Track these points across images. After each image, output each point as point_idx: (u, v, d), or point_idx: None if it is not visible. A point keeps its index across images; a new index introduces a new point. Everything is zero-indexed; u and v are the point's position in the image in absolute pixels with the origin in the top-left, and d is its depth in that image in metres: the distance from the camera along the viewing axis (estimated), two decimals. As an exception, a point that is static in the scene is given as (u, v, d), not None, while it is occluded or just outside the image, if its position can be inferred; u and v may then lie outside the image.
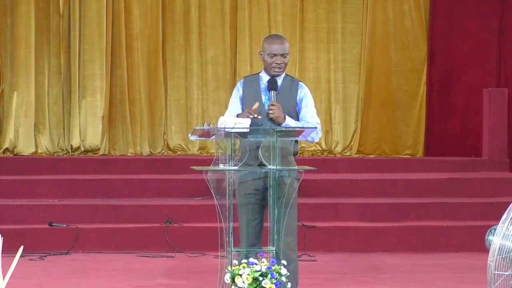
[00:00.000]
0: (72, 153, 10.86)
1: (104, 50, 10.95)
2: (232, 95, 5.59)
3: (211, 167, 5.08)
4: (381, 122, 11.34)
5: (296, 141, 5.48)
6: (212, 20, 11.28)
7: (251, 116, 5.20)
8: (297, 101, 5.50)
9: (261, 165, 5.23)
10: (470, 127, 11.29)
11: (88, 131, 10.97)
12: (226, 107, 12.23)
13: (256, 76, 5.59)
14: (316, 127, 5.34)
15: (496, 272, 4.61)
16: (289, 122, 5.35)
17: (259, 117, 5.25)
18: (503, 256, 4.59)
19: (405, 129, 11.41)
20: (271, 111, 5.31)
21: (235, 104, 5.52)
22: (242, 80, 5.63)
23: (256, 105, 5.30)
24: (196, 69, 11.30)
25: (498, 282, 4.59)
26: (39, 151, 10.81)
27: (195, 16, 11.27)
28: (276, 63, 5.43)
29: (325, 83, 11.37)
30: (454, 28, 11.33)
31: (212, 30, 11.29)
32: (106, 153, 10.90)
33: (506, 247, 4.59)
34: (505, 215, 4.63)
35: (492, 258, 4.61)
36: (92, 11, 10.94)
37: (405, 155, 11.34)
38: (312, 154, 11.24)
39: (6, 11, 10.86)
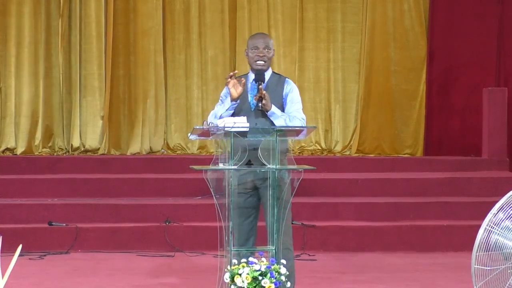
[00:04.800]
0: (72, 153, 10.87)
1: (103, 50, 10.96)
2: (222, 93, 5.63)
3: (211, 167, 5.09)
4: (380, 121, 11.34)
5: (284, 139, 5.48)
6: (211, 20, 11.29)
7: (230, 79, 5.28)
8: (284, 96, 5.52)
9: (248, 164, 5.26)
10: (469, 126, 11.30)
11: (88, 130, 10.99)
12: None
13: (245, 76, 5.62)
14: (315, 126, 5.35)
15: (476, 266, 4.67)
16: (275, 110, 5.37)
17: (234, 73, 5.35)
18: (497, 252, 4.65)
19: (404, 129, 11.42)
20: (262, 95, 5.32)
21: (224, 102, 5.52)
22: None
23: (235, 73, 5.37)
24: (196, 68, 11.31)
25: (492, 275, 4.63)
26: (39, 150, 10.81)
27: (195, 16, 11.28)
28: (258, 55, 5.48)
29: (325, 82, 11.38)
30: (454, 28, 11.34)
31: (212, 29, 11.30)
32: (106, 152, 10.90)
33: (498, 242, 4.65)
34: (492, 211, 4.72)
35: (475, 253, 4.69)
36: (92, 11, 10.95)
37: (404, 154, 11.35)
38: (312, 153, 11.25)
39: (6, 11, 10.86)
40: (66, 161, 10.32)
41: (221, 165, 5.07)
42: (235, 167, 5.07)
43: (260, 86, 5.38)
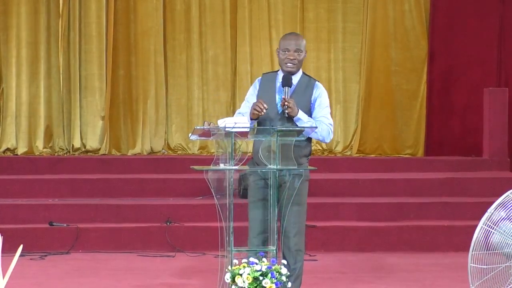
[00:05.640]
0: (73, 153, 10.86)
1: (104, 50, 10.96)
2: (249, 92, 5.56)
3: (212, 167, 5.09)
4: (381, 121, 11.34)
5: (310, 143, 5.49)
6: (212, 19, 11.29)
7: (262, 112, 5.19)
8: (312, 100, 5.46)
9: None
10: (470, 126, 11.29)
11: (89, 131, 10.99)
12: (227, 107, 12.24)
13: (273, 74, 5.55)
14: (316, 127, 5.33)
15: (473, 265, 4.70)
16: (302, 116, 5.33)
17: (265, 108, 5.24)
18: (497, 251, 4.68)
19: (405, 129, 11.41)
20: (286, 103, 5.27)
21: (251, 101, 5.47)
22: (260, 77, 5.60)
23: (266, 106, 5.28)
24: (197, 69, 11.30)
25: (490, 275, 4.65)
26: (39, 150, 10.81)
27: (196, 15, 11.27)
28: (288, 58, 5.41)
29: (326, 82, 11.36)
30: (455, 28, 11.34)
31: (213, 29, 11.30)
32: (107, 152, 10.90)
33: (498, 241, 4.69)
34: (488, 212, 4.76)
35: (471, 252, 4.73)
36: (92, 11, 10.95)
37: (405, 154, 11.35)
38: (313, 154, 11.20)
39: (6, 11, 10.86)
40: (67, 161, 10.32)
41: (221, 165, 5.08)
42: (236, 167, 5.08)
43: (283, 96, 5.31)
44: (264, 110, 5.21)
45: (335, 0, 11.40)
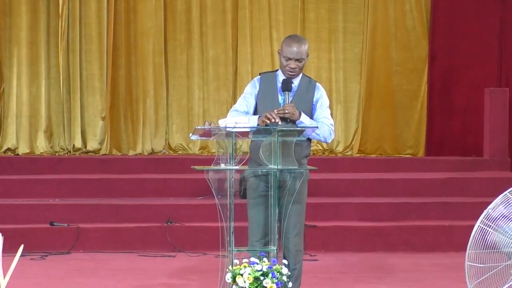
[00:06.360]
0: (74, 153, 10.87)
1: (104, 51, 10.96)
2: (247, 90, 5.52)
3: (212, 167, 5.10)
4: (382, 121, 11.34)
5: (309, 144, 5.49)
6: (213, 20, 11.29)
7: (273, 121, 5.18)
8: (314, 102, 5.47)
9: None
10: (471, 126, 11.29)
11: (89, 131, 10.98)
12: (227, 107, 12.26)
13: (273, 74, 5.52)
14: (317, 127, 5.34)
15: (469, 263, 4.71)
16: (304, 119, 5.34)
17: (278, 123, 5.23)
18: (497, 250, 4.70)
19: (406, 129, 11.41)
20: (282, 111, 5.26)
21: (249, 99, 5.47)
22: (259, 77, 5.56)
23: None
24: (197, 69, 11.30)
25: (488, 274, 4.66)
26: (40, 150, 10.82)
27: (196, 16, 11.27)
28: (290, 67, 5.37)
29: (326, 82, 11.36)
30: (455, 28, 11.34)
31: (213, 29, 11.29)
32: (107, 152, 10.90)
33: (497, 239, 4.71)
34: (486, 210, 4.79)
35: (468, 251, 4.75)
36: (92, 12, 10.95)
37: (406, 154, 11.34)
38: (313, 154, 11.23)
39: (6, 11, 10.86)
40: (68, 162, 10.33)
41: (222, 165, 5.08)
42: (236, 167, 5.08)
43: (275, 114, 5.25)
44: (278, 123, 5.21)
45: (336, 0, 11.39)
